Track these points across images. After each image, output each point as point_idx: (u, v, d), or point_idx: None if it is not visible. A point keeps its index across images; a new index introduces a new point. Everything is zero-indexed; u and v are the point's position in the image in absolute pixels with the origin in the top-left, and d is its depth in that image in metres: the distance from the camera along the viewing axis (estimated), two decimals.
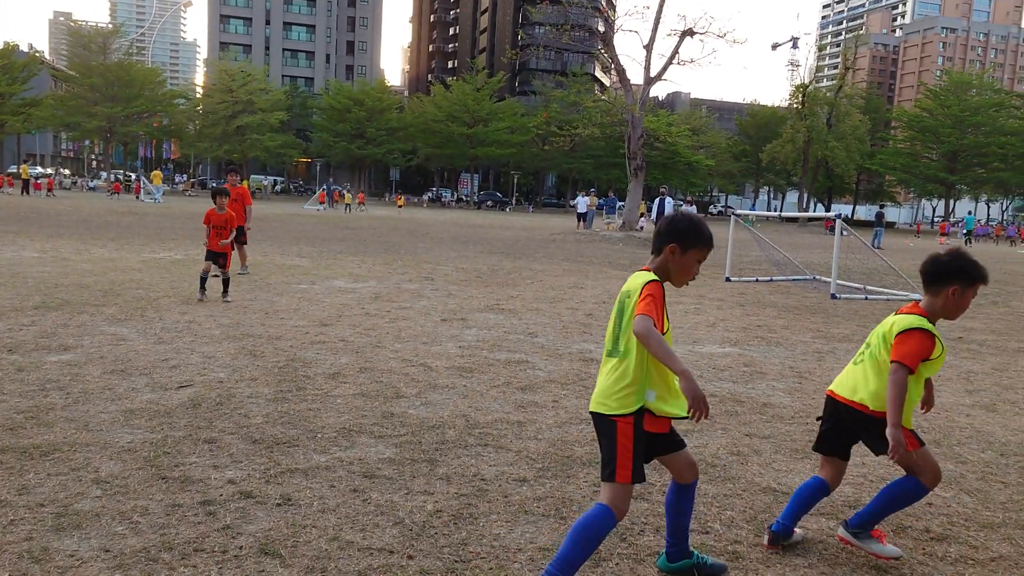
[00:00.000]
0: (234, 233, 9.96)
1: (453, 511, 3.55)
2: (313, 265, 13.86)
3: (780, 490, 4.05)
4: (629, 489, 2.78)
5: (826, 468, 3.42)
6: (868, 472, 4.40)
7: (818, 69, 79.38)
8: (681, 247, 2.83)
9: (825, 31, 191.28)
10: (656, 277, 2.82)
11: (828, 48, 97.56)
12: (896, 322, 3.20)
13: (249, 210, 12.46)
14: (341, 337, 7.41)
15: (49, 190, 45.74)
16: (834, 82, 77.55)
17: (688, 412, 2.66)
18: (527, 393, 5.71)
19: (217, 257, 9.61)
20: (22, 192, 43.44)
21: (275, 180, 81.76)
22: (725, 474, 4.25)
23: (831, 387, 3.42)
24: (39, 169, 67.66)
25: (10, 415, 4.61)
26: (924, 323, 3.14)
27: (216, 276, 10.23)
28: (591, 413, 2.90)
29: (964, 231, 46.21)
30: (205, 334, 7.25)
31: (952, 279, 3.14)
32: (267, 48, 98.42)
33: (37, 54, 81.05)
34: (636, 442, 2.76)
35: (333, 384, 5.68)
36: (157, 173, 48.58)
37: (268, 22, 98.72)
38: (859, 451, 4.80)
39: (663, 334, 2.70)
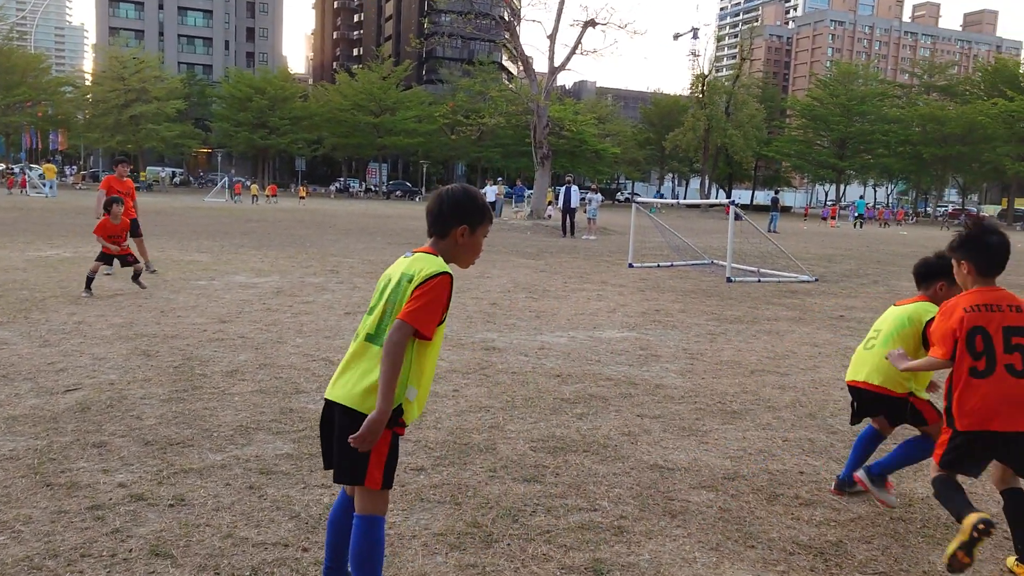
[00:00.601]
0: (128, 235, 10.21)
1: None
2: (213, 260, 13.49)
3: (666, 467, 4.27)
4: (386, 494, 2.59)
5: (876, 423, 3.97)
6: (746, 446, 4.69)
7: (717, 59, 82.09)
8: (471, 227, 2.59)
9: (723, 22, 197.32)
10: (447, 269, 2.50)
11: (726, 39, 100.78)
12: (923, 312, 3.69)
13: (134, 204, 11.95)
14: (240, 334, 7.30)
15: None
16: (732, 72, 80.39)
17: (351, 439, 2.41)
18: None
19: (116, 258, 9.78)
20: None
21: (173, 172, 78.53)
22: (616, 454, 4.45)
23: (848, 377, 3.93)
24: None
25: None
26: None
27: (108, 274, 10.16)
28: (328, 402, 2.58)
29: (855, 214, 48.91)
30: (95, 335, 7.01)
31: (939, 277, 3.77)
32: (161, 34, 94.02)
33: None
34: (393, 446, 2.54)
35: (231, 382, 5.61)
36: (50, 166, 45.78)
37: (161, 6, 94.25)
38: (773, 429, 5.09)
39: (440, 324, 2.50)
